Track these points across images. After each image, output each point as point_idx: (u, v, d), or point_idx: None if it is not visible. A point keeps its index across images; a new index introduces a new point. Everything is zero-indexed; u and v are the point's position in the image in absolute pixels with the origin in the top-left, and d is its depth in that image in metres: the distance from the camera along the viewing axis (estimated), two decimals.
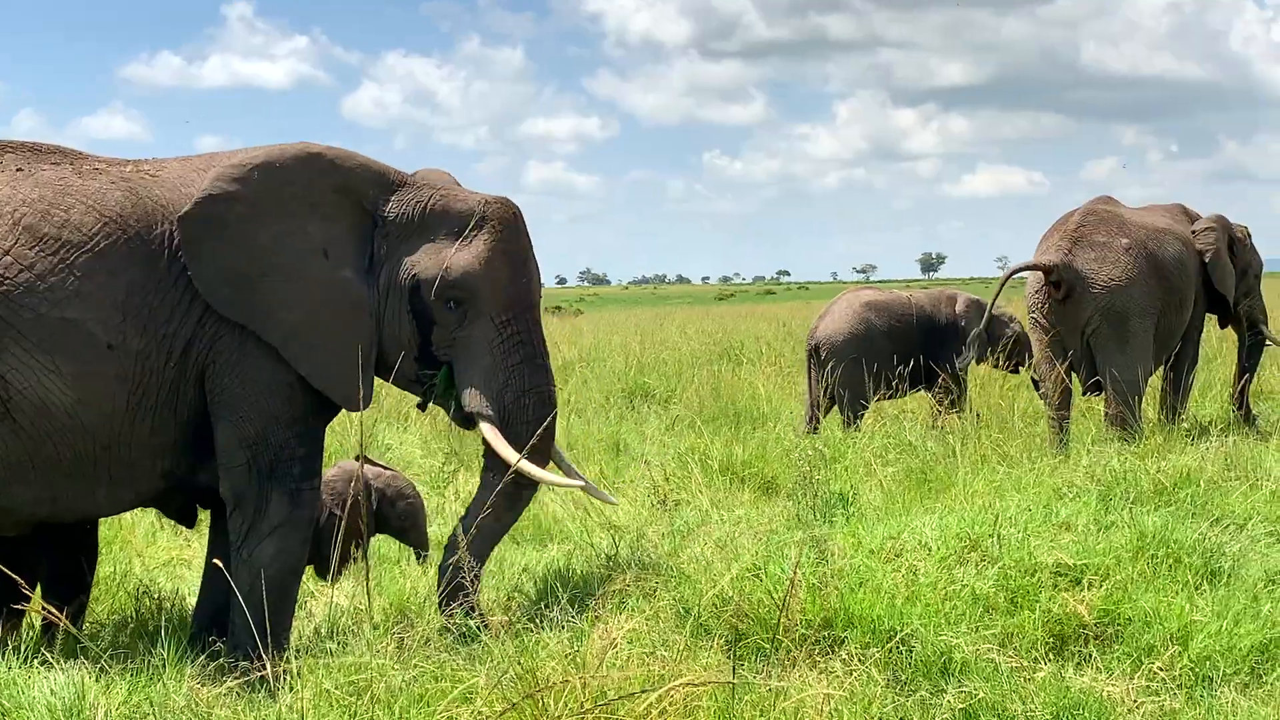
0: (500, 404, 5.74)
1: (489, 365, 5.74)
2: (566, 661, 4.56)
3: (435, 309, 5.68)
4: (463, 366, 5.75)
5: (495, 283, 5.72)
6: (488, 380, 5.73)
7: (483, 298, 5.70)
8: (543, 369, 5.85)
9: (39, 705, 4.56)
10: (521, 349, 5.77)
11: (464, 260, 5.67)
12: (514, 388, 5.75)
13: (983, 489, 7.43)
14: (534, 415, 5.77)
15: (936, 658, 5.04)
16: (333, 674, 4.77)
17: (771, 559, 5.73)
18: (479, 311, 5.72)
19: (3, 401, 5.15)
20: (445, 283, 5.64)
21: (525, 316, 5.81)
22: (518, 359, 5.76)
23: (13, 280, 5.16)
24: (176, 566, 7.39)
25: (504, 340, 5.75)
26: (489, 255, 5.71)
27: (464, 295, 5.67)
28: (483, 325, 5.73)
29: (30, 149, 5.58)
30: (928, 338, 11.59)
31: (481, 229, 5.75)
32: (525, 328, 5.80)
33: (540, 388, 5.82)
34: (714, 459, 9.19)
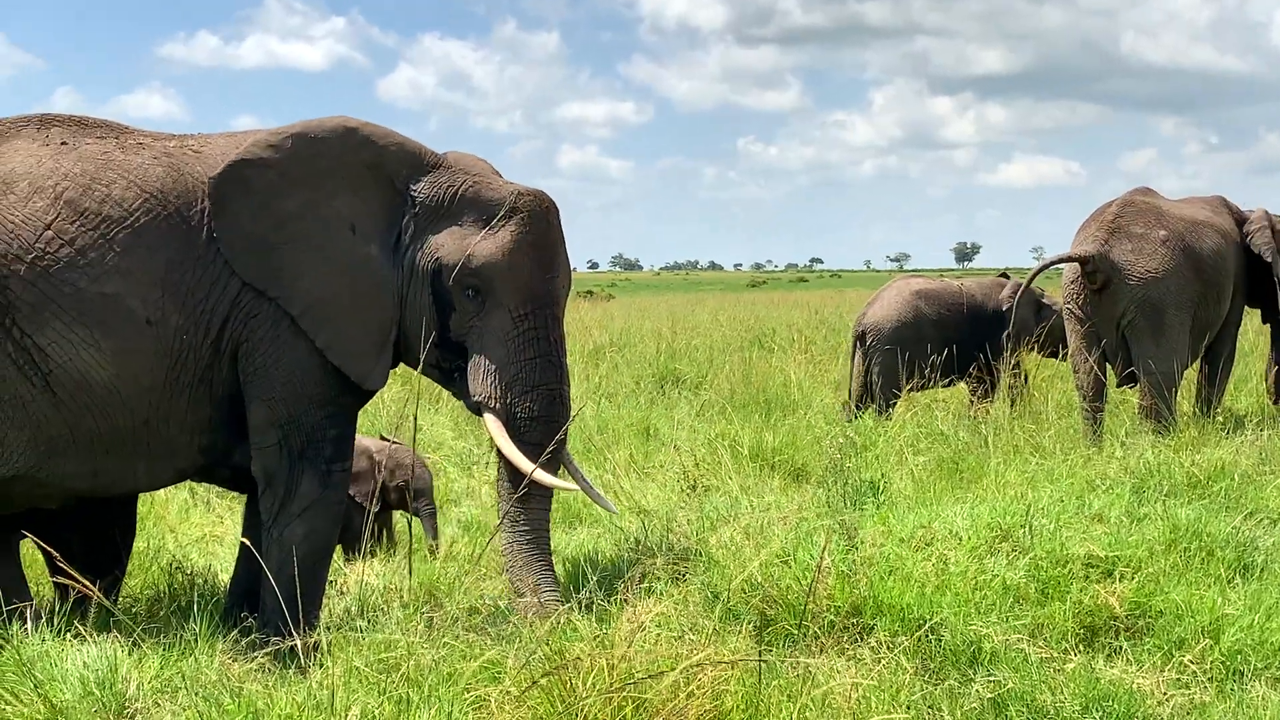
0: (507, 397, 5.71)
1: (501, 357, 5.70)
2: (594, 643, 4.56)
3: (455, 295, 5.66)
4: (475, 356, 5.74)
5: (516, 275, 5.68)
6: (499, 372, 5.70)
7: (502, 289, 5.67)
8: (555, 367, 5.77)
9: (72, 677, 4.60)
10: (536, 344, 5.72)
11: (487, 249, 5.64)
12: (523, 382, 5.70)
13: (1015, 479, 7.40)
14: (540, 412, 5.72)
15: (966, 647, 5.03)
16: (363, 651, 4.79)
17: (801, 545, 5.72)
18: (497, 302, 5.69)
19: (43, 375, 5.19)
20: (466, 270, 5.62)
21: (545, 312, 5.75)
22: (531, 354, 5.72)
23: (54, 255, 5.19)
24: (209, 543, 7.44)
25: (520, 334, 5.71)
26: (513, 247, 5.67)
27: (483, 285, 5.66)
28: (500, 317, 5.70)
29: (77, 122, 5.60)
30: (979, 327, 11.54)
31: (510, 220, 5.71)
32: (543, 323, 5.74)
33: (550, 385, 5.76)
34: (744, 445, 9.18)
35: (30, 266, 5.17)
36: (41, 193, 5.26)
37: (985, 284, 12.11)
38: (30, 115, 5.60)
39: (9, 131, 5.50)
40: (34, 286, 5.17)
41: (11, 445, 5.25)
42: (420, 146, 5.83)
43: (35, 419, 5.25)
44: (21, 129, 5.51)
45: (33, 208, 5.23)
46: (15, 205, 5.22)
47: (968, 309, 11.68)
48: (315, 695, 4.40)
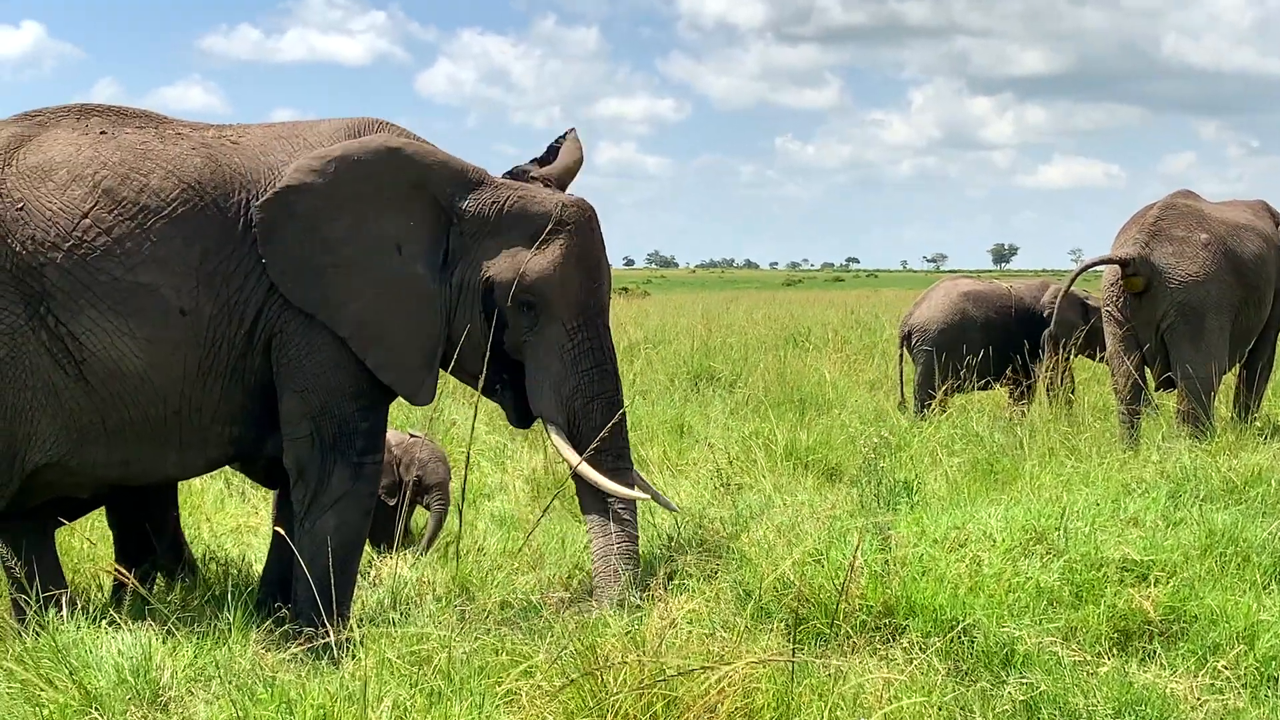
0: (569, 410, 5.75)
1: (559, 371, 5.74)
2: (626, 640, 4.56)
3: (509, 312, 5.67)
4: (532, 370, 5.76)
5: (569, 289, 5.71)
6: (557, 386, 5.74)
7: (556, 303, 5.70)
8: (611, 375, 5.83)
9: (107, 665, 4.63)
10: (591, 355, 5.76)
11: (539, 265, 5.65)
12: (583, 394, 5.74)
13: (1050, 482, 7.37)
14: (601, 421, 5.72)
15: (999, 649, 5.01)
16: (395, 643, 4.82)
17: (834, 545, 5.71)
18: (551, 317, 5.71)
19: (77, 363, 5.23)
20: (521, 287, 5.63)
21: (596, 322, 5.80)
22: (588, 365, 5.75)
23: (90, 243, 5.22)
24: (243, 533, 7.48)
25: (575, 346, 5.74)
26: (564, 261, 5.69)
27: (538, 300, 5.67)
28: (554, 330, 5.73)
29: (117, 112, 5.64)
30: (1026, 329, 11.50)
31: (558, 233, 5.71)
32: (596, 334, 5.79)
33: (609, 394, 5.80)
34: (778, 444, 9.17)
35: (67, 254, 5.20)
36: (80, 181, 5.29)
37: (1034, 286, 12.07)
38: (70, 105, 5.64)
39: (49, 121, 5.53)
40: (70, 274, 5.20)
41: (44, 433, 5.29)
42: (464, 163, 5.82)
43: (68, 407, 5.28)
44: (62, 118, 5.55)
45: (70, 196, 5.26)
46: (53, 193, 5.26)
47: (1015, 311, 11.65)
48: (348, 687, 4.43)
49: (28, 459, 5.31)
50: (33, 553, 5.62)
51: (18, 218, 5.21)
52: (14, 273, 5.17)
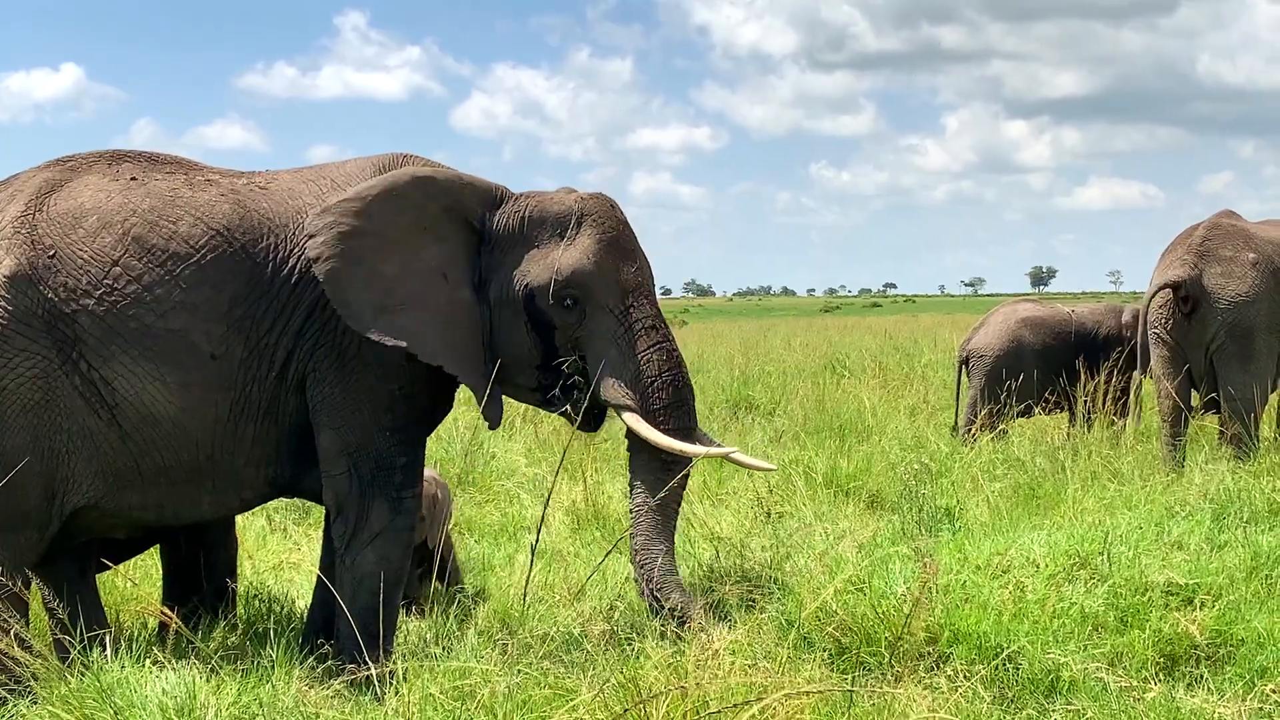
0: (637, 392, 5.70)
1: (616, 356, 5.70)
2: (668, 671, 4.55)
3: (553, 312, 5.66)
4: (591, 363, 5.73)
5: (606, 274, 5.69)
6: (618, 371, 5.69)
7: (597, 291, 5.68)
8: (670, 353, 5.77)
9: (151, 704, 4.64)
10: (647, 335, 5.73)
11: (572, 258, 5.65)
12: (647, 374, 5.70)
13: (1093, 506, 7.33)
14: (670, 398, 5.71)
15: (1044, 676, 4.98)
16: (437, 678, 4.81)
17: (876, 573, 5.68)
18: (596, 305, 5.69)
19: (109, 408, 5.27)
20: (558, 283, 5.62)
21: (643, 302, 5.77)
22: (645, 346, 5.72)
23: (121, 290, 5.27)
24: (285, 569, 7.50)
25: (627, 330, 5.71)
26: (595, 248, 5.69)
27: (579, 293, 5.65)
28: (603, 318, 5.71)
29: (148, 159, 5.69)
30: (1086, 354, 11.44)
31: (582, 226, 5.73)
32: (645, 313, 5.75)
33: (671, 372, 5.74)
34: (818, 471, 9.15)
35: (98, 301, 5.25)
36: (109, 228, 5.34)
37: (1098, 310, 12.01)
38: (103, 151, 5.69)
39: (81, 166, 5.59)
40: (101, 321, 5.25)
41: (80, 476, 5.32)
42: (487, 182, 5.84)
43: (103, 451, 5.32)
44: (94, 164, 5.61)
45: (101, 243, 5.31)
46: (84, 240, 5.31)
47: (1075, 336, 11.59)
48: None
49: (66, 501, 5.34)
50: (75, 592, 5.66)
51: (49, 264, 5.27)
52: (46, 318, 5.22)
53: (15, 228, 5.31)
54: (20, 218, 5.34)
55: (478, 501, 9.12)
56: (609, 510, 8.39)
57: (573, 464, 9.61)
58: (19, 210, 5.37)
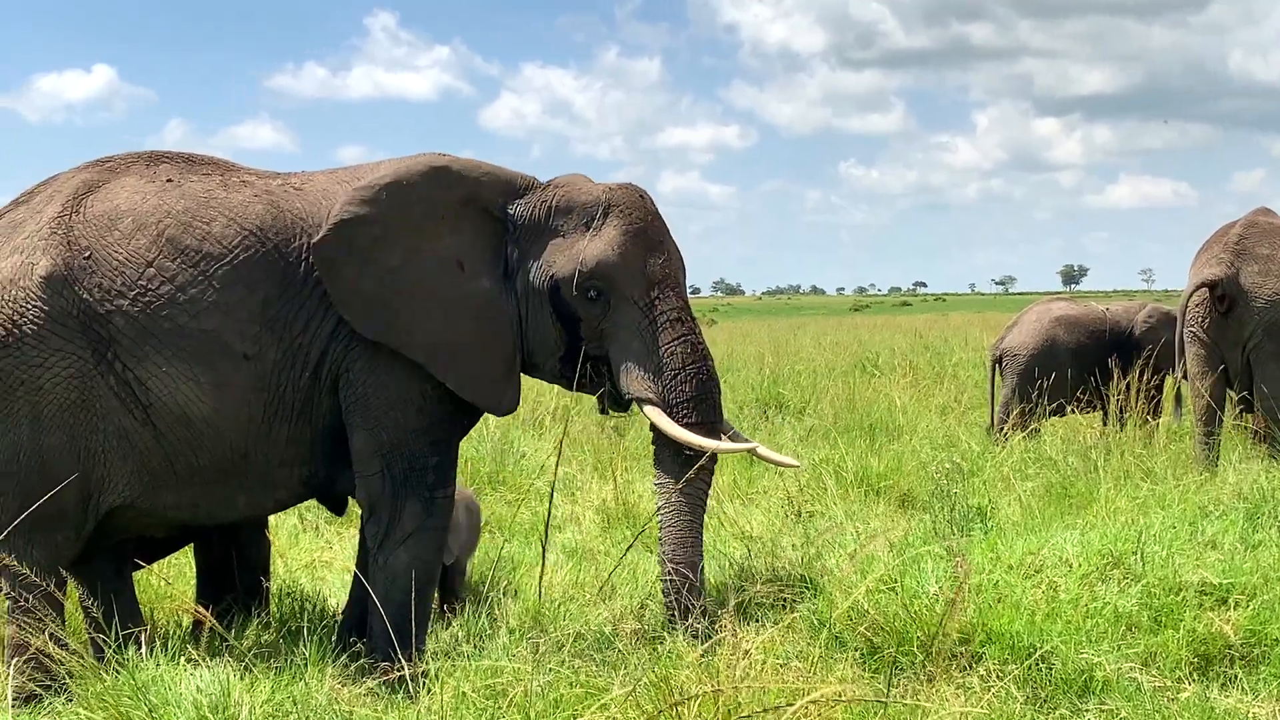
0: (660, 386, 5.65)
1: (640, 349, 5.67)
2: (700, 671, 4.55)
3: (577, 303, 5.64)
4: (616, 355, 5.70)
5: (632, 266, 5.66)
6: (642, 364, 5.66)
7: (622, 283, 5.64)
8: (696, 346, 5.72)
9: (185, 702, 4.66)
10: (671, 328, 5.67)
11: (597, 249, 5.63)
12: (670, 368, 5.65)
13: (1125, 505, 7.30)
14: (694, 392, 5.66)
15: (1077, 676, 4.96)
16: (469, 677, 4.83)
17: (908, 572, 5.67)
18: (621, 297, 5.65)
19: (144, 408, 5.30)
20: (582, 275, 5.60)
21: (669, 295, 5.71)
22: (669, 338, 5.66)
23: (155, 291, 5.30)
24: (318, 568, 7.53)
25: (651, 322, 5.67)
26: (621, 239, 5.65)
27: (603, 284, 5.63)
28: (627, 310, 5.67)
29: (185, 160, 5.71)
30: (1120, 353, 11.40)
31: (609, 216, 5.70)
32: (671, 306, 5.70)
33: (694, 363, 5.69)
34: (848, 470, 9.13)
35: (132, 302, 5.28)
36: (144, 229, 5.37)
37: (1132, 308, 11.97)
38: (142, 152, 5.72)
39: (119, 168, 5.62)
40: (135, 321, 5.28)
41: (116, 476, 5.36)
42: (511, 172, 5.84)
43: (138, 450, 5.35)
44: (131, 165, 5.63)
45: (136, 244, 5.34)
46: (119, 242, 5.34)
47: (1109, 335, 11.55)
48: None
49: (102, 500, 5.38)
50: (110, 591, 5.70)
51: (85, 265, 5.30)
52: (82, 319, 5.26)
53: (52, 229, 5.35)
54: (57, 219, 5.38)
55: (508, 500, 9.13)
56: (639, 509, 8.39)
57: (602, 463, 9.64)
58: (56, 211, 5.41)
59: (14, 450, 5.24)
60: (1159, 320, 11.46)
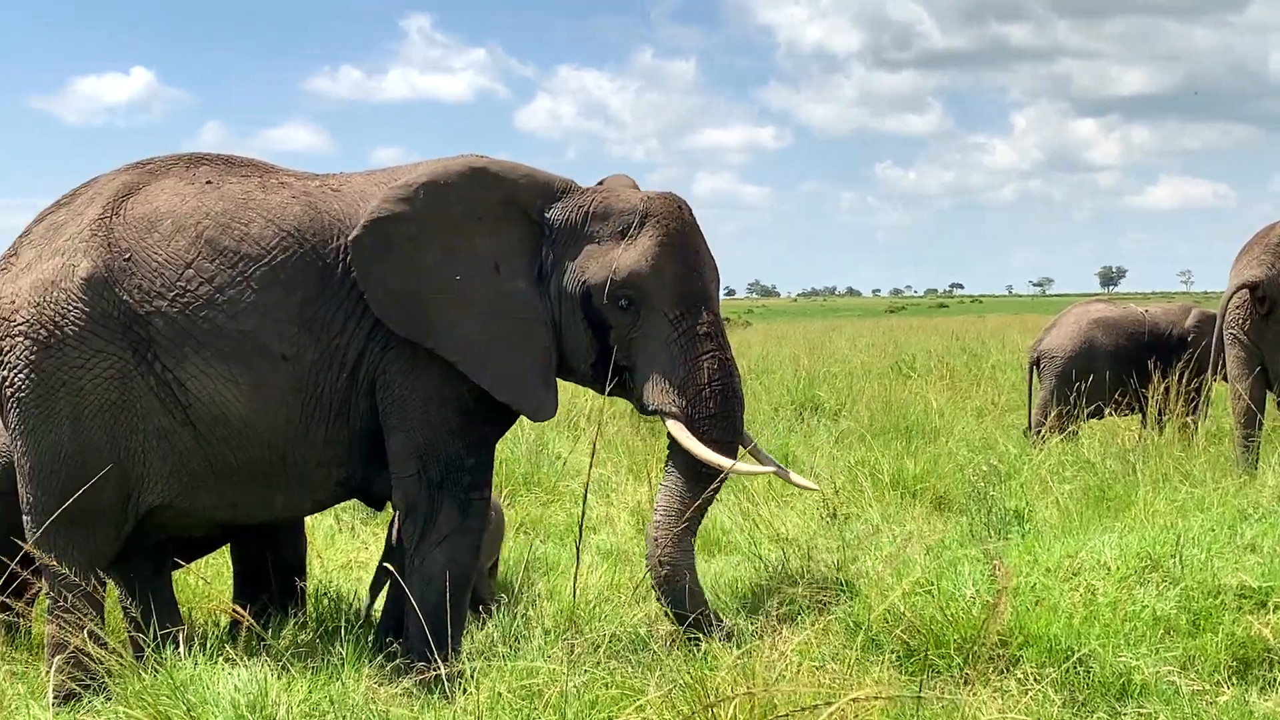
0: (684, 400, 5.64)
1: (667, 362, 5.64)
2: (736, 673, 4.55)
3: (608, 311, 5.63)
4: (642, 365, 5.68)
5: (664, 278, 5.63)
6: (668, 377, 5.64)
7: (654, 294, 5.62)
8: (723, 362, 5.70)
9: (223, 701, 4.69)
10: (700, 343, 5.65)
11: (630, 259, 5.61)
12: (695, 383, 5.63)
13: (1164, 508, 7.26)
14: (717, 409, 5.65)
15: (1115, 679, 4.94)
16: (505, 677, 4.84)
17: (944, 575, 5.65)
18: (652, 309, 5.63)
19: (183, 408, 5.33)
20: (614, 283, 5.58)
21: (701, 310, 5.69)
22: (696, 353, 5.64)
23: (194, 292, 5.33)
24: (354, 568, 7.56)
25: (680, 335, 5.64)
26: (656, 251, 5.63)
27: (634, 294, 5.61)
28: (657, 322, 5.65)
29: (225, 162, 5.74)
30: (1159, 355, 11.33)
31: (645, 225, 5.67)
32: (702, 321, 5.67)
33: (721, 381, 5.67)
34: (884, 473, 9.10)
35: (171, 303, 5.31)
36: (183, 231, 5.40)
37: (1172, 310, 11.89)
38: (182, 154, 5.76)
39: (160, 170, 5.66)
40: (174, 322, 5.31)
41: (156, 475, 5.39)
42: (550, 175, 5.83)
43: (177, 450, 5.38)
44: (172, 167, 5.67)
45: (175, 246, 5.37)
46: (159, 243, 5.38)
47: (1148, 337, 11.48)
48: None
49: (141, 500, 5.41)
50: (148, 590, 5.73)
51: (125, 267, 5.34)
52: (122, 320, 5.29)
53: (93, 231, 5.39)
54: (98, 221, 5.42)
55: (543, 502, 9.14)
56: None
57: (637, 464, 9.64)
58: (96, 214, 5.45)
59: (55, 450, 5.29)
60: (1206, 323, 11.38)
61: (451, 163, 5.69)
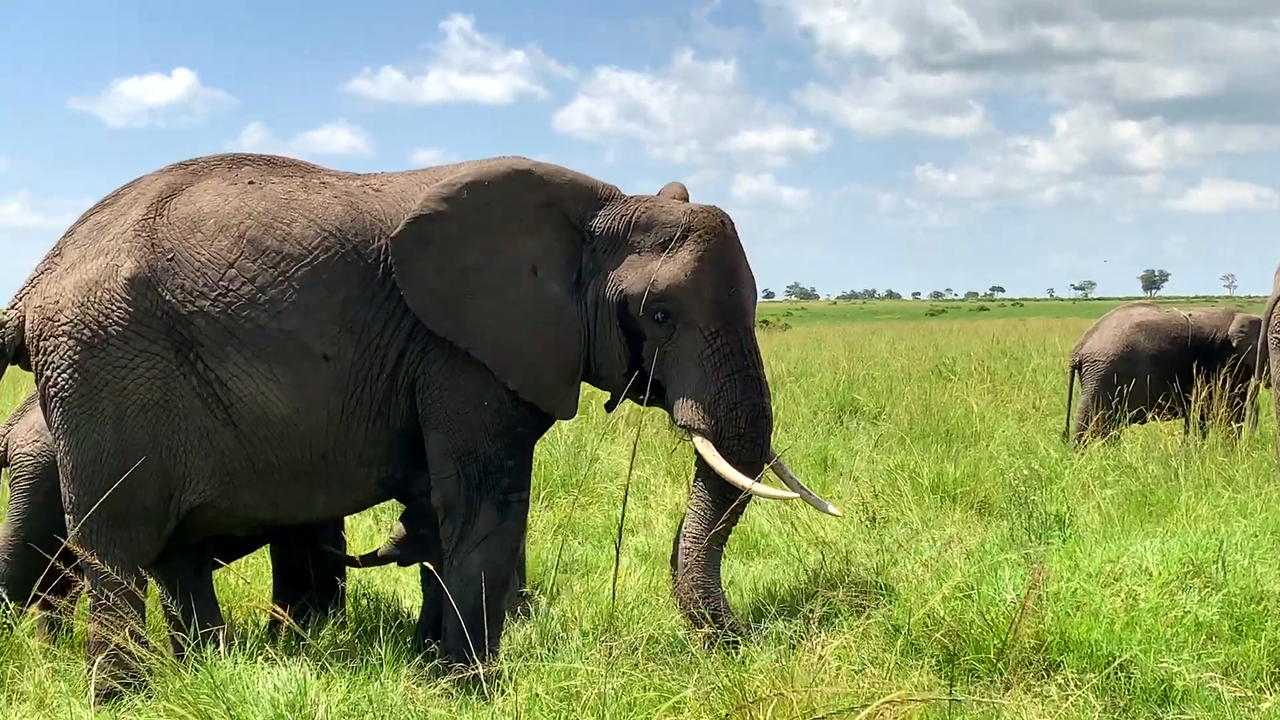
0: (713, 418, 5.64)
1: (700, 379, 5.64)
2: (774, 676, 4.54)
3: (644, 323, 5.62)
4: (674, 380, 5.68)
5: (703, 294, 5.63)
6: (699, 394, 5.63)
7: (691, 309, 5.62)
8: (755, 381, 5.70)
9: (263, 700, 4.71)
10: (733, 361, 5.64)
11: (670, 272, 5.61)
12: (726, 401, 5.63)
13: (1207, 513, 7.21)
14: (747, 429, 5.65)
15: (1156, 685, 4.90)
16: (543, 678, 4.84)
17: (984, 580, 5.62)
18: (688, 323, 5.63)
19: (225, 407, 5.36)
20: (652, 296, 5.58)
21: (736, 327, 5.68)
22: (729, 371, 5.64)
23: (236, 292, 5.35)
24: (393, 568, 7.57)
25: (714, 352, 5.64)
26: (696, 266, 5.62)
27: (671, 308, 5.60)
28: (692, 337, 5.65)
29: (267, 162, 5.77)
30: (1202, 360, 11.24)
31: (687, 239, 5.66)
32: (737, 339, 5.67)
33: (752, 400, 5.67)
34: (924, 477, 9.07)
35: (214, 303, 5.34)
36: (226, 231, 5.43)
37: (1215, 314, 11.80)
38: (224, 155, 5.79)
39: (202, 170, 5.69)
40: (217, 322, 5.34)
41: (198, 474, 5.42)
42: (593, 181, 5.83)
43: (219, 450, 5.41)
44: (214, 168, 5.70)
45: (218, 246, 5.40)
46: (202, 243, 5.41)
47: (1192, 341, 11.39)
48: None
49: (183, 499, 5.44)
50: (189, 589, 5.76)
51: (168, 267, 5.37)
52: (166, 320, 5.32)
53: (136, 231, 5.43)
54: (141, 221, 5.45)
55: (582, 504, 9.14)
56: None
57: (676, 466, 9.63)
58: (140, 214, 5.48)
59: (98, 450, 5.32)
60: (1251, 328, 11.30)
61: (495, 164, 5.71)
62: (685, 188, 6.08)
